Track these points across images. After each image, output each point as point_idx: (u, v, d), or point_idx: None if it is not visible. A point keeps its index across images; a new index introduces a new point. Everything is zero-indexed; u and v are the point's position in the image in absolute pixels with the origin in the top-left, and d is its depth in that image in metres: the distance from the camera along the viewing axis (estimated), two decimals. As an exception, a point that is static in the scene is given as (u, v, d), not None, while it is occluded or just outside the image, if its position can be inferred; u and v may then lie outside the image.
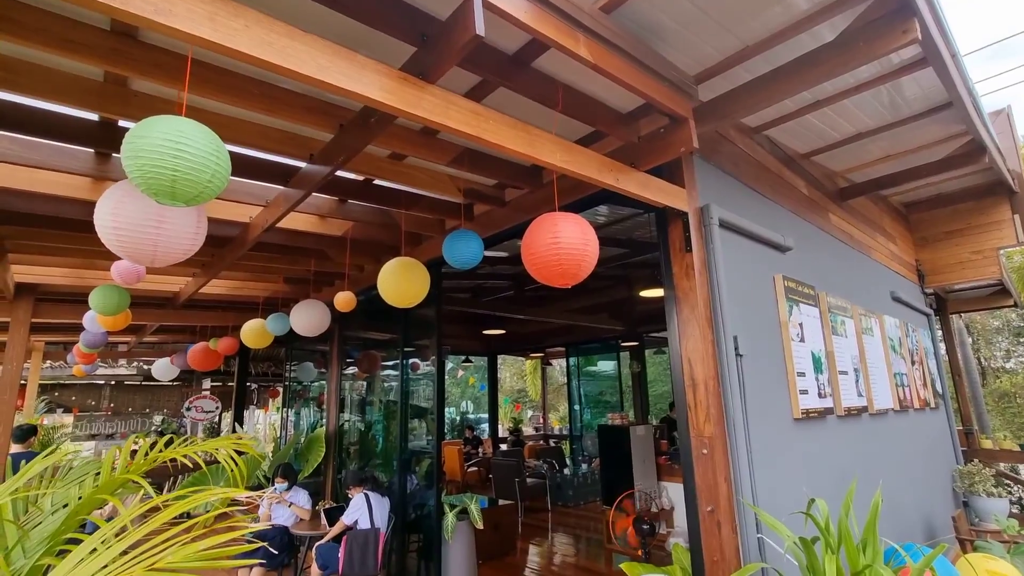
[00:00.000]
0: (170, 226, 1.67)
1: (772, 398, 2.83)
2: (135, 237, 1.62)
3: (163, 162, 1.19)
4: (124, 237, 1.60)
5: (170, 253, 1.70)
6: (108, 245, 1.64)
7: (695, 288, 2.59)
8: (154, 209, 1.63)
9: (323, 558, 4.16)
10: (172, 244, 1.70)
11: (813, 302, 3.44)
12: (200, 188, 1.25)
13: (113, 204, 1.61)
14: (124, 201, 1.62)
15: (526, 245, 2.02)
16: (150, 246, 1.67)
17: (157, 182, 1.20)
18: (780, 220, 3.43)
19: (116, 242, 1.61)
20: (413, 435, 5.17)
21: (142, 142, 1.19)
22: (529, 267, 2.06)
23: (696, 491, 2.47)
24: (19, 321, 4.81)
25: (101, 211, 1.61)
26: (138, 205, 1.63)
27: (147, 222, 1.64)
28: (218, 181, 1.30)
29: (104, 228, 1.61)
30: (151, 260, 1.66)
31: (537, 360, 14.41)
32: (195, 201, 1.30)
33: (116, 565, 0.67)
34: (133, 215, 1.62)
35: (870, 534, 2.08)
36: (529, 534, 6.55)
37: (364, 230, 3.80)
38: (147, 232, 1.65)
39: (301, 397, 8.92)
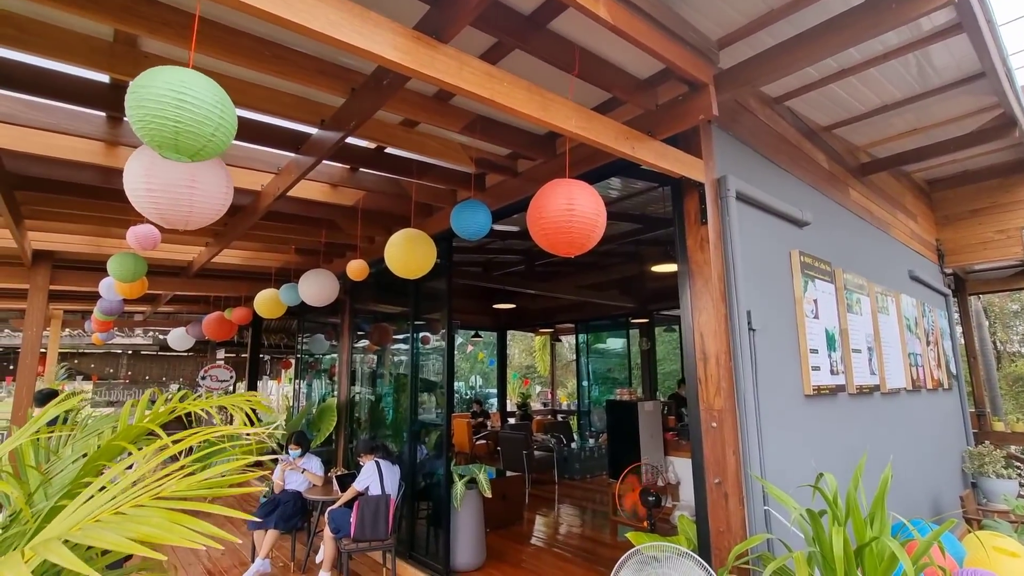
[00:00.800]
0: (202, 186, 1.66)
1: (784, 374, 2.81)
2: (170, 199, 1.60)
3: (165, 112, 1.17)
4: (159, 199, 1.57)
5: (204, 214, 1.69)
6: (141, 208, 1.62)
7: (709, 261, 2.55)
8: (187, 170, 1.62)
9: (335, 522, 4.27)
10: (206, 205, 1.68)
11: (829, 278, 3.38)
12: (204, 141, 1.23)
13: (146, 166, 1.58)
14: (156, 163, 1.59)
15: (536, 209, 1.99)
16: (185, 208, 1.65)
17: (160, 133, 1.19)
18: (798, 194, 3.35)
19: (151, 205, 1.59)
20: (423, 408, 5.24)
21: (144, 92, 1.17)
22: (537, 232, 2.03)
23: (704, 463, 2.48)
24: (37, 287, 4.90)
25: (132, 174, 1.58)
26: (170, 167, 1.61)
27: (181, 183, 1.61)
28: (222, 135, 1.28)
29: (136, 191, 1.58)
30: (185, 222, 1.66)
31: (546, 336, 14.45)
32: (200, 156, 1.27)
33: (123, 496, 0.69)
34: (167, 177, 1.59)
35: (878, 508, 2.07)
36: (536, 505, 6.67)
37: (375, 200, 3.78)
38: (181, 193, 1.62)
39: (313, 369, 9.05)
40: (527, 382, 17.06)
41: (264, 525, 4.61)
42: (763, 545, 2.34)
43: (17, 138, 2.58)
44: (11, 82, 2.12)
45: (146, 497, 0.70)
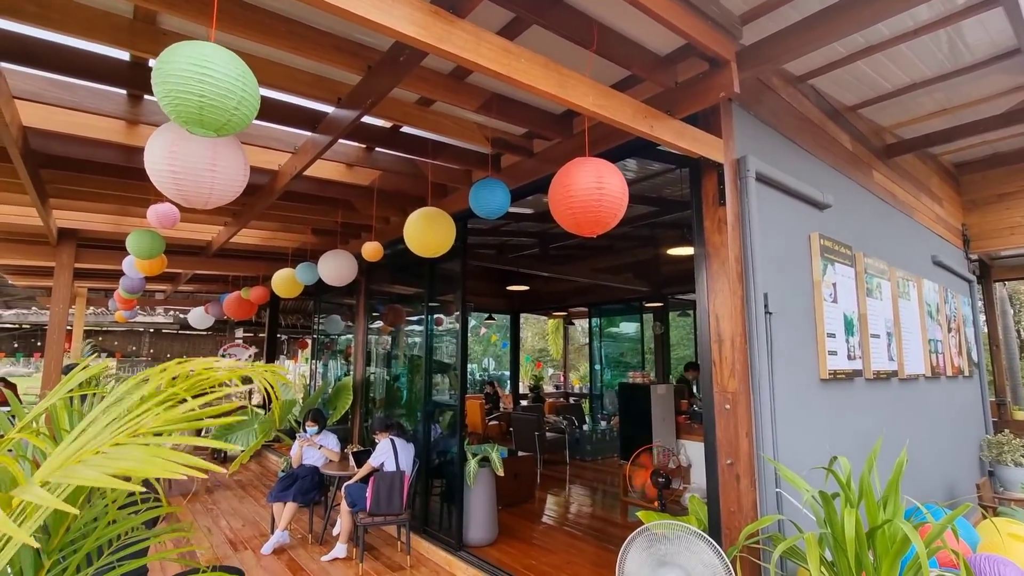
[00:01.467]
0: (223, 168, 1.68)
1: (799, 357, 2.79)
2: (193, 180, 1.62)
3: (189, 87, 1.18)
4: (182, 180, 1.60)
5: (224, 194, 1.72)
6: (163, 188, 1.65)
7: (726, 243, 2.53)
8: (209, 152, 1.63)
9: (352, 497, 4.38)
10: (226, 185, 1.71)
11: (849, 262, 3.32)
12: (227, 115, 1.24)
13: (169, 147, 1.60)
14: (180, 144, 1.60)
15: (563, 187, 1.98)
16: (206, 188, 1.67)
17: (185, 109, 1.20)
18: (820, 176, 3.28)
19: (173, 185, 1.62)
20: (437, 390, 5.31)
21: (168, 67, 1.18)
22: (563, 210, 2.02)
23: (716, 445, 2.48)
24: (63, 265, 5.02)
25: (155, 154, 1.60)
26: (193, 148, 1.62)
27: (204, 165, 1.63)
28: (245, 109, 1.29)
29: (159, 171, 1.60)
30: (205, 202, 1.68)
31: (560, 320, 14.47)
32: (224, 130, 1.29)
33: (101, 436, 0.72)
34: (191, 158, 1.61)
35: (892, 491, 2.07)
36: (547, 485, 6.75)
37: (391, 180, 3.78)
38: (203, 175, 1.65)
39: (329, 349, 9.19)
40: (540, 365, 17.14)
41: (283, 498, 4.75)
42: (774, 526, 2.35)
43: (42, 116, 2.62)
44: (34, 60, 2.15)
45: (125, 435, 0.73)
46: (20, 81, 2.39)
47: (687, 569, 2.14)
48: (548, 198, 2.04)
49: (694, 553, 2.14)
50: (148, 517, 0.94)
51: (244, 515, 5.65)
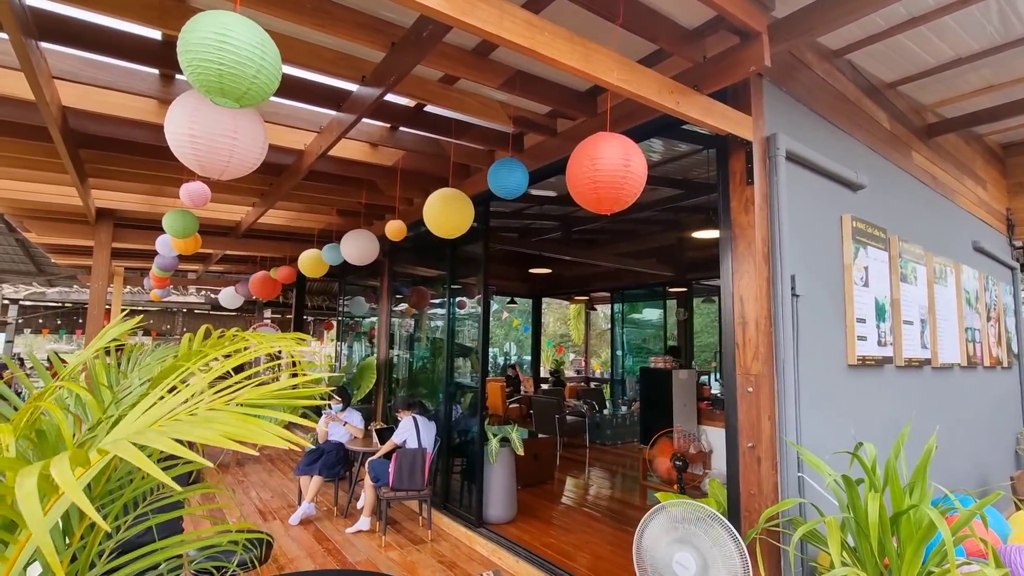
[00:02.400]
0: (243, 139, 1.69)
1: (827, 341, 2.73)
2: (210, 147, 1.64)
3: (208, 55, 1.20)
4: (200, 146, 1.62)
5: (241, 166, 1.74)
6: (180, 153, 1.66)
7: (753, 223, 2.47)
8: (230, 121, 1.65)
9: (375, 472, 4.50)
10: (243, 157, 1.73)
11: (883, 246, 3.22)
12: (247, 84, 1.26)
13: (190, 113, 1.61)
14: (201, 110, 1.61)
15: (587, 159, 1.96)
16: (224, 157, 1.69)
17: (206, 77, 1.22)
18: (854, 155, 3.17)
19: (191, 151, 1.64)
20: (458, 372, 5.38)
21: (191, 36, 1.20)
22: (585, 184, 1.99)
23: (738, 427, 2.46)
24: (101, 244, 5.21)
25: (175, 120, 1.62)
26: (214, 114, 1.63)
27: (224, 133, 1.64)
28: (265, 78, 1.30)
29: (178, 136, 1.62)
30: (221, 172, 1.71)
31: (581, 304, 14.41)
32: (245, 99, 1.30)
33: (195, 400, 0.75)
34: (211, 125, 1.62)
35: (919, 477, 2.02)
36: (566, 467, 6.80)
37: (414, 160, 3.80)
38: (223, 143, 1.66)
39: (353, 331, 9.37)
40: (561, 350, 17.16)
41: (309, 472, 4.91)
42: (795, 509, 2.33)
43: (79, 96, 2.70)
44: (71, 38, 2.21)
45: (221, 402, 0.76)
46: (59, 61, 2.46)
47: (701, 551, 2.14)
48: (568, 171, 2.00)
49: (709, 535, 2.14)
50: (180, 472, 0.99)
51: (273, 487, 5.86)
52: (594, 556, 3.87)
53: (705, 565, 2.10)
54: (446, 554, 4.04)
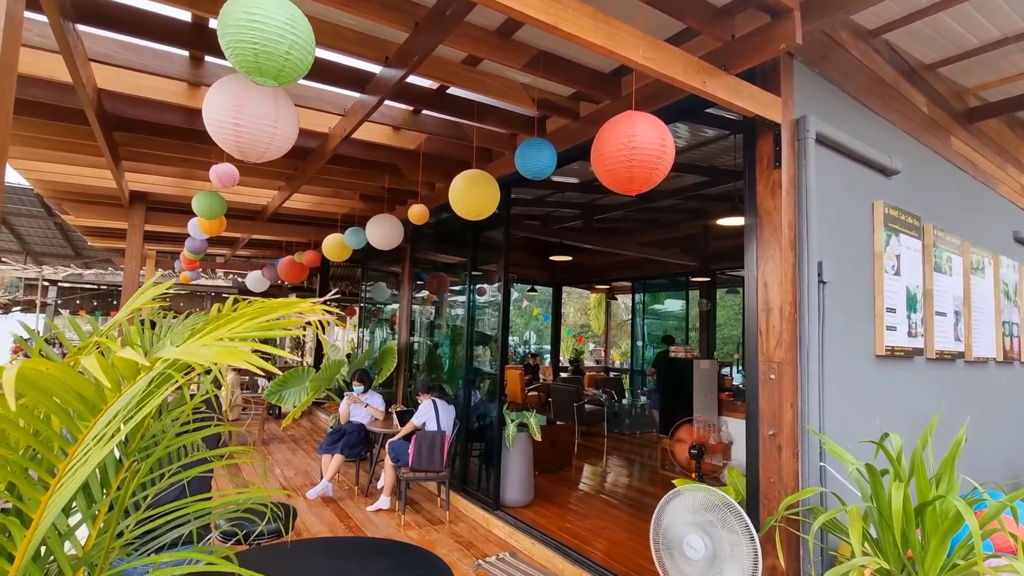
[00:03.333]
0: (282, 125, 1.73)
1: (854, 331, 2.66)
2: (255, 134, 1.68)
3: (242, 35, 1.22)
4: (243, 132, 1.66)
5: (280, 150, 1.79)
6: (221, 138, 1.68)
7: (780, 208, 2.42)
8: (272, 109, 1.69)
9: (395, 452, 4.58)
10: (283, 141, 1.78)
11: (916, 234, 3.11)
12: (281, 61, 1.28)
13: (234, 100, 1.64)
14: (245, 98, 1.65)
15: (597, 146, 1.94)
16: (264, 143, 1.74)
17: (243, 56, 1.24)
18: (889, 140, 3.06)
19: (234, 137, 1.67)
20: (478, 360, 5.42)
21: (226, 19, 1.23)
22: (599, 169, 1.99)
23: (759, 415, 2.43)
24: (135, 226, 5.38)
25: (217, 105, 1.64)
26: (259, 103, 1.66)
27: (267, 121, 1.69)
28: (297, 53, 1.32)
29: (221, 123, 1.64)
30: (259, 156, 1.75)
31: (602, 294, 14.32)
32: (283, 77, 1.32)
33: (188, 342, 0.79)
34: (256, 113, 1.66)
35: (947, 469, 1.97)
36: (584, 454, 6.82)
37: (436, 144, 3.81)
38: (265, 129, 1.70)
39: (375, 317, 9.50)
40: (581, 339, 17.12)
41: (332, 450, 5.03)
42: (816, 499, 2.29)
43: (114, 79, 2.78)
44: (106, 20, 2.27)
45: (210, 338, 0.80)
46: (94, 44, 2.53)
47: (712, 536, 2.13)
48: (599, 148, 1.97)
49: (721, 522, 2.13)
50: (210, 432, 1.03)
51: (296, 466, 6.02)
52: (610, 542, 3.88)
53: (714, 551, 2.09)
54: (463, 534, 4.11)
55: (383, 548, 1.47)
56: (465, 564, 3.50)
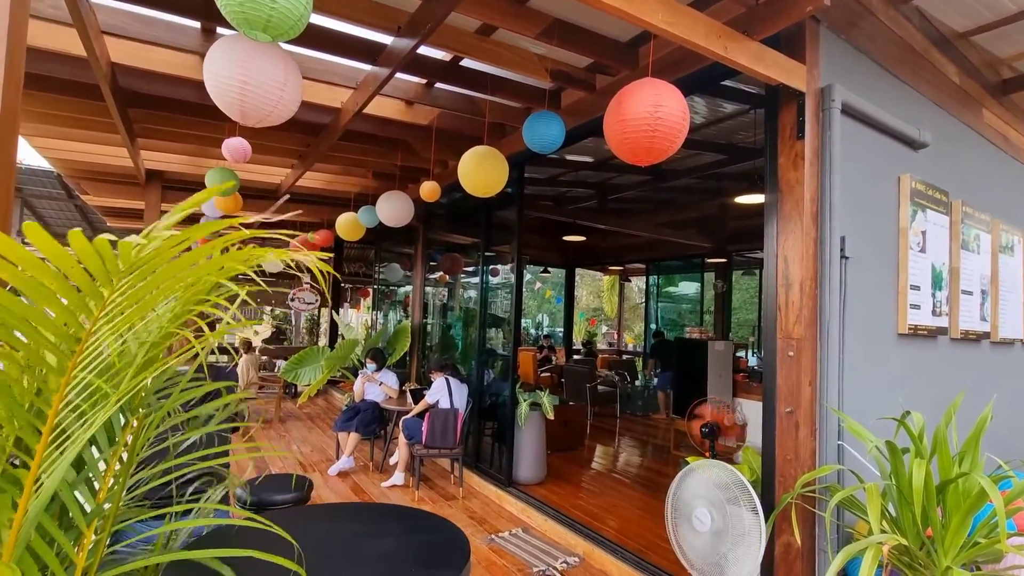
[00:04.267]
0: (291, 87, 1.71)
1: (876, 308, 2.60)
2: (260, 95, 1.66)
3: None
4: (250, 94, 1.63)
5: (283, 114, 1.77)
6: (225, 98, 1.66)
7: (802, 180, 2.34)
8: (281, 71, 1.66)
9: (409, 430, 4.63)
10: (288, 105, 1.76)
11: (944, 209, 3.01)
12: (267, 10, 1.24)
13: (241, 59, 1.61)
14: (253, 58, 1.61)
15: (617, 111, 1.89)
16: (271, 105, 1.71)
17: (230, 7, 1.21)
18: (918, 111, 2.95)
19: (239, 97, 1.64)
20: (490, 342, 5.43)
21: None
22: (616, 136, 1.93)
23: (776, 392, 2.39)
24: (151, 205, 5.43)
25: (220, 64, 1.61)
26: (267, 65, 1.64)
27: (275, 83, 1.67)
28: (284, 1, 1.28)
29: (226, 81, 1.61)
30: (261, 119, 1.73)
31: (615, 276, 14.23)
32: (272, 28, 1.30)
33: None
34: (264, 74, 1.64)
35: (971, 447, 1.93)
36: (596, 435, 6.84)
37: (449, 120, 3.76)
38: (273, 93, 1.68)
39: (388, 299, 9.55)
40: (593, 322, 17.08)
41: (347, 428, 5.10)
42: (833, 477, 2.26)
43: (127, 52, 2.77)
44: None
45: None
46: (106, 16, 2.52)
47: (720, 511, 2.11)
48: (619, 115, 1.92)
49: (732, 501, 2.11)
50: (210, 388, 1.03)
51: (313, 443, 6.13)
52: (622, 519, 3.90)
53: (722, 526, 2.08)
54: (476, 510, 4.15)
55: (398, 513, 1.48)
56: (478, 539, 3.55)
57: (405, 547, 1.26)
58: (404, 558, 1.21)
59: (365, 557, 1.21)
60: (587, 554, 3.32)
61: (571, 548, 3.44)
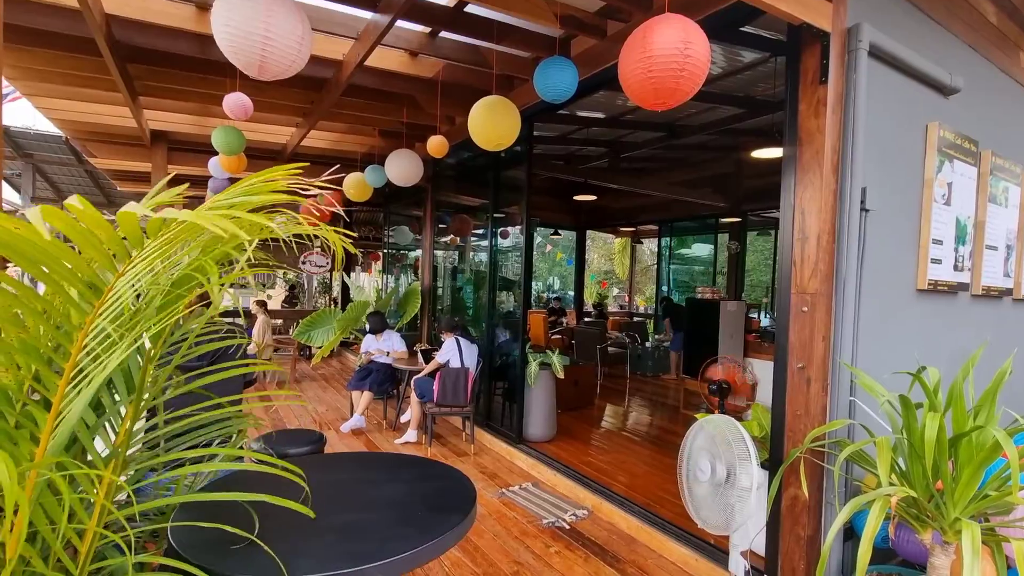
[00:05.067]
0: (276, 38, 1.66)
1: (896, 262, 2.52)
2: (243, 37, 1.62)
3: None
4: (233, 35, 1.60)
5: (277, 65, 1.72)
6: (244, 51, 1.66)
7: (823, 128, 2.23)
8: (263, 15, 1.61)
9: (420, 388, 4.70)
10: (278, 57, 1.71)
11: (972, 160, 2.88)
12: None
13: (264, 12, 1.62)
14: (274, 10, 1.62)
15: (640, 47, 1.80)
16: (257, 53, 1.67)
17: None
18: (950, 54, 2.78)
19: (226, 39, 1.62)
20: (501, 304, 5.42)
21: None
22: (638, 75, 1.83)
23: (788, 348, 2.36)
24: (158, 167, 5.41)
25: (243, 16, 1.62)
26: (247, 8, 1.61)
27: (256, 29, 1.63)
28: None
29: (249, 36, 1.61)
30: (257, 68, 1.68)
31: (627, 238, 14.06)
32: None
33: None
34: (242, 17, 1.61)
35: (987, 401, 1.89)
36: (606, 395, 6.90)
37: (455, 73, 3.64)
38: (255, 39, 1.65)
39: (399, 263, 9.57)
40: (604, 284, 17.02)
41: (360, 387, 5.19)
42: (843, 432, 2.25)
43: (122, 2, 2.68)
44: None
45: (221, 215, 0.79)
46: (96, -37, 2.43)
47: (720, 460, 2.12)
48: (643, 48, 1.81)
49: (729, 449, 2.11)
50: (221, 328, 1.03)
51: (328, 402, 6.27)
52: (631, 475, 3.96)
53: (725, 477, 2.09)
54: (488, 466, 4.25)
55: (406, 462, 1.50)
56: (489, 493, 3.63)
57: (413, 492, 1.28)
58: (412, 502, 1.22)
59: (373, 501, 1.23)
60: (595, 507, 3.39)
61: (580, 502, 3.52)
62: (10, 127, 7.23)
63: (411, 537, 1.02)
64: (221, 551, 0.96)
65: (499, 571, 2.64)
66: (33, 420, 0.77)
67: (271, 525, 1.11)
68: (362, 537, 1.04)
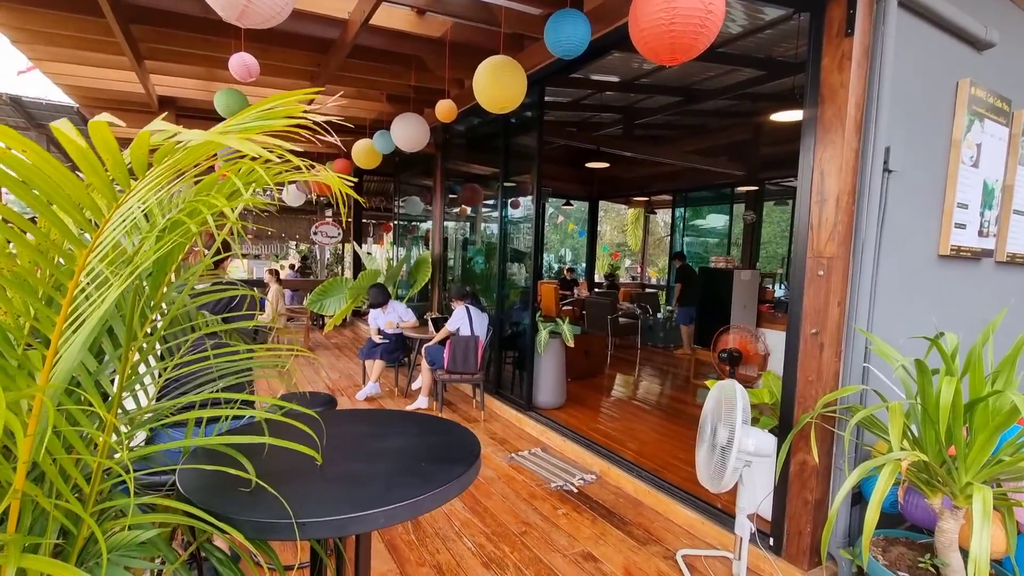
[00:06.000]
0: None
1: (918, 226, 2.44)
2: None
3: None
4: None
5: (259, 14, 1.67)
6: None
7: (847, 84, 2.13)
8: None
9: (431, 356, 4.73)
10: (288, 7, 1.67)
11: (1004, 120, 2.75)
12: None
13: None
14: None
15: (639, 3, 1.72)
16: (277, 9, 1.64)
17: None
18: (985, 4, 2.62)
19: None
20: (512, 276, 5.39)
21: None
22: (651, 27, 1.76)
23: (802, 313, 2.32)
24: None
25: None
26: None
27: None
28: None
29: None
30: (239, 16, 1.64)
31: (640, 209, 13.87)
32: None
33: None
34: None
35: (1007, 366, 1.84)
36: (617, 365, 6.92)
37: (463, 32, 3.53)
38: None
39: (410, 234, 9.56)
40: (617, 256, 16.90)
41: (373, 355, 5.25)
42: (855, 397, 2.22)
43: (120, -41, 2.62)
44: None
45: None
46: (94, -84, 2.36)
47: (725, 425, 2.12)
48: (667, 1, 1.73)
49: (732, 415, 2.10)
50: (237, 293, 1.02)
51: (341, 369, 6.36)
52: (639, 442, 3.99)
53: (731, 441, 2.09)
54: (497, 432, 4.30)
55: (412, 418, 1.51)
56: (499, 457, 3.69)
57: (418, 445, 1.29)
58: (416, 454, 1.23)
59: (378, 452, 1.24)
60: (603, 472, 3.42)
61: (588, 466, 3.56)
62: (23, 97, 7.22)
63: (415, 485, 1.03)
64: (228, 496, 0.98)
65: (508, 531, 2.69)
66: (32, 363, 0.78)
67: (279, 471, 1.13)
68: (367, 484, 1.05)
